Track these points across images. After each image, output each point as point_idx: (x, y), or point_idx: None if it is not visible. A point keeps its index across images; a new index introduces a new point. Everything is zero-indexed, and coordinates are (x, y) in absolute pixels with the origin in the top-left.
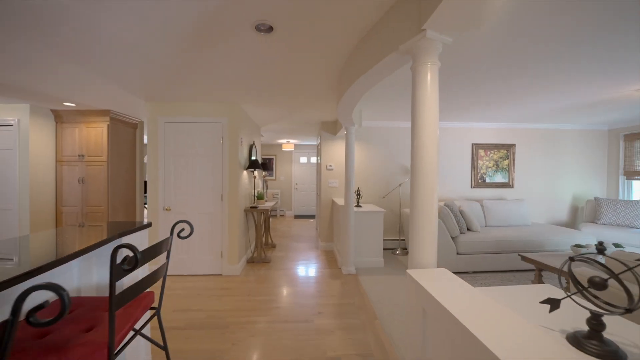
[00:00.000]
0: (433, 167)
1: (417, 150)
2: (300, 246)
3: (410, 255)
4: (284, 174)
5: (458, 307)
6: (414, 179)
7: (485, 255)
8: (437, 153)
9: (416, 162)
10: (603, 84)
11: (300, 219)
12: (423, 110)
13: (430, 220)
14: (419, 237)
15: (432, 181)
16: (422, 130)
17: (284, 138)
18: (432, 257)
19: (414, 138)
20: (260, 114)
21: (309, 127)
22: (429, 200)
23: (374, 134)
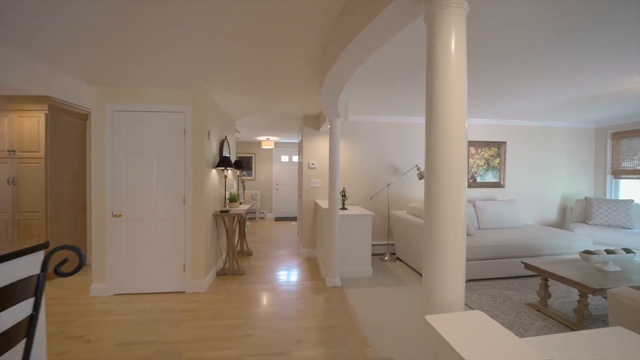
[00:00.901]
0: (460, 167)
1: (437, 144)
2: (280, 253)
3: (425, 290)
4: (264, 173)
5: None
6: (431, 183)
7: (482, 261)
8: (466, 147)
9: (435, 160)
10: (601, 77)
11: (281, 222)
12: (445, 82)
13: (456, 239)
14: (439, 265)
15: (459, 186)
16: (444, 113)
17: (263, 135)
18: (459, 292)
19: (432, 126)
20: (233, 105)
21: (289, 122)
22: (455, 211)
23: (361, 129)
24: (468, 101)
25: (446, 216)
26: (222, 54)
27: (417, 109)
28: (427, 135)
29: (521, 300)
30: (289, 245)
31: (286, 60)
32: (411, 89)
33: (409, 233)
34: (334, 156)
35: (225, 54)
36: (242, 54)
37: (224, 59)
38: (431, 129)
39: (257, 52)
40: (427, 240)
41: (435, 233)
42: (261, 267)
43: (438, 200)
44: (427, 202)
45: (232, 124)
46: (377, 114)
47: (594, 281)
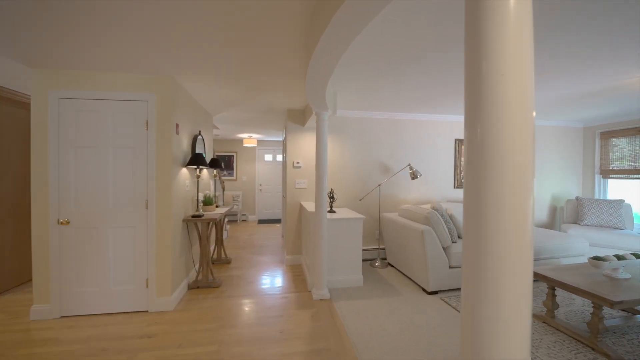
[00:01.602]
0: (527, 166)
1: (492, 132)
2: (262, 260)
3: (466, 344)
4: (246, 173)
5: None
6: (481, 191)
7: None
8: (534, 136)
9: (488, 156)
10: (591, 72)
11: (264, 225)
12: (501, 40)
13: (521, 271)
14: (491, 306)
15: (526, 194)
16: (503, 75)
17: (245, 132)
18: (524, 350)
19: (480, 106)
20: (207, 96)
21: (273, 118)
22: (520, 233)
23: (349, 126)
24: (454, 101)
25: (505, 239)
26: (191, 31)
27: (410, 104)
28: (470, 122)
29: None
30: (272, 251)
31: (267, 44)
32: (405, 80)
33: (401, 237)
34: (322, 154)
35: (194, 31)
36: (215, 32)
37: (194, 38)
38: (479, 110)
39: (232, 30)
40: (470, 271)
41: (485, 262)
42: (240, 277)
43: (492, 217)
44: (472, 218)
45: (208, 119)
46: (367, 110)
47: (609, 292)
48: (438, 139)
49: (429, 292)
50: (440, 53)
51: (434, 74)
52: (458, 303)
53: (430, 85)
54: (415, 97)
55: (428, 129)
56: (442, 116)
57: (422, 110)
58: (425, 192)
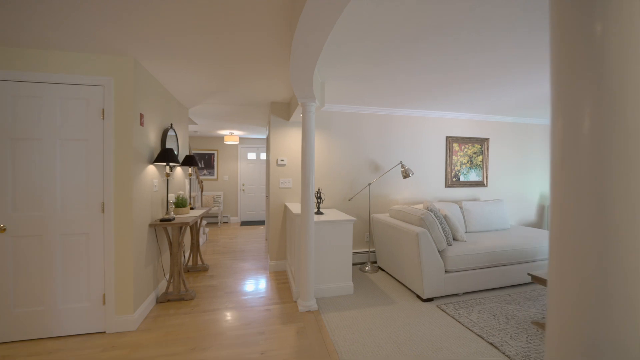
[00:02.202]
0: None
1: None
2: (243, 267)
3: None
4: (228, 172)
5: None
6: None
7: (476, 271)
8: None
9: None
10: None
11: (247, 227)
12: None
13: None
14: None
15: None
16: None
17: (226, 128)
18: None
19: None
20: (180, 85)
21: (255, 112)
22: None
23: (337, 121)
24: (447, 94)
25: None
26: (156, 8)
27: (402, 98)
28: (570, 110)
29: (525, 317)
30: (255, 256)
31: (244, 25)
32: (400, 68)
33: (393, 239)
34: (308, 150)
35: (160, 9)
36: (185, 11)
37: (159, 16)
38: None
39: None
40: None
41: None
42: (218, 287)
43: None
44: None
45: (183, 112)
46: (357, 104)
47: None
48: (429, 137)
49: (424, 299)
50: (438, 38)
51: (430, 61)
52: (456, 311)
53: (426, 72)
54: (409, 88)
55: (419, 126)
56: (434, 113)
57: (413, 105)
58: (417, 192)
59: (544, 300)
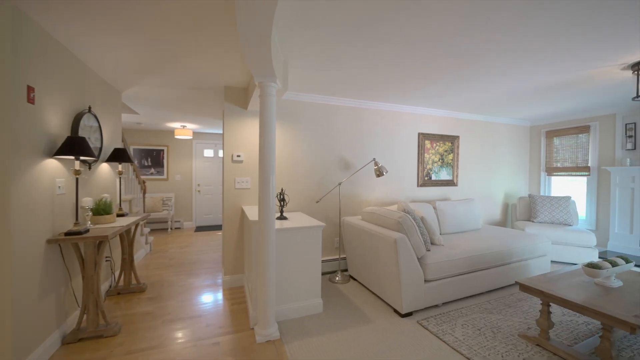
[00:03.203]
0: None
1: None
2: (192, 284)
3: None
4: (181, 171)
5: None
6: None
7: (456, 278)
8: None
9: None
10: (542, 65)
11: (203, 233)
12: None
13: None
14: None
15: None
16: None
17: (177, 120)
18: None
19: None
20: (102, 56)
21: (208, 99)
22: None
23: (304, 113)
24: (417, 89)
25: None
26: None
27: (375, 90)
28: None
29: (511, 329)
30: (208, 268)
31: None
32: (375, 46)
33: (367, 246)
34: (268, 142)
35: None
36: None
37: None
38: None
39: None
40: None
41: None
42: (154, 314)
43: None
44: None
45: (111, 94)
46: (326, 94)
47: (623, 310)
48: (402, 133)
49: (403, 314)
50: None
51: (413, 40)
52: (439, 327)
53: (408, 57)
54: (386, 73)
55: (392, 121)
56: (407, 107)
57: (386, 98)
58: (389, 192)
59: (524, 307)
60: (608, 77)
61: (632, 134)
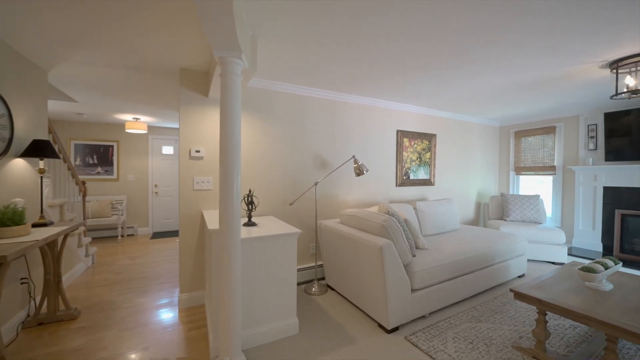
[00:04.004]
0: None
1: None
2: (140, 305)
3: None
4: (135, 170)
5: None
6: None
7: (442, 284)
8: None
9: None
10: (516, 61)
11: (161, 240)
12: None
13: None
14: None
15: None
16: None
17: (128, 112)
18: None
19: None
20: (15, 20)
21: (161, 83)
22: None
23: (276, 104)
24: (396, 84)
25: None
26: None
27: (354, 81)
28: None
29: (503, 339)
30: (164, 283)
31: None
32: (360, 24)
33: (347, 253)
34: (231, 132)
35: None
36: None
37: None
38: None
39: None
40: None
41: None
42: (84, 352)
43: None
44: None
45: (33, 73)
46: (301, 83)
47: (621, 317)
48: (381, 129)
49: (390, 330)
50: None
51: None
52: (429, 343)
53: (400, 35)
54: (370, 59)
55: (370, 117)
56: (385, 103)
57: (364, 91)
58: (368, 192)
59: (510, 311)
60: (586, 75)
61: (593, 134)
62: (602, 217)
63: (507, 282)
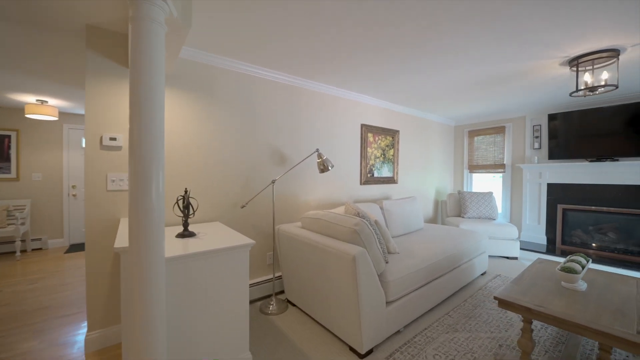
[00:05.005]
0: None
1: None
2: (28, 352)
3: None
4: (44, 168)
5: None
6: None
7: (416, 292)
8: None
9: None
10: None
11: (79, 254)
12: None
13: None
14: None
15: None
16: None
17: (29, 91)
18: None
19: None
20: None
21: (66, 45)
22: None
23: (223, 85)
24: (357, 74)
25: None
26: None
27: (318, 62)
28: None
29: (484, 350)
30: (70, 316)
31: None
32: None
33: (309, 261)
34: (148, 107)
35: None
36: None
37: None
38: None
39: None
40: None
41: None
42: None
43: None
44: None
45: None
46: (254, 62)
47: (622, 326)
48: (345, 122)
49: (364, 354)
50: None
51: None
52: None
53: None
54: (341, 30)
55: (334, 108)
56: (350, 94)
57: (329, 79)
58: (331, 191)
59: (482, 315)
60: (545, 72)
61: (538, 134)
62: (546, 212)
63: (472, 281)
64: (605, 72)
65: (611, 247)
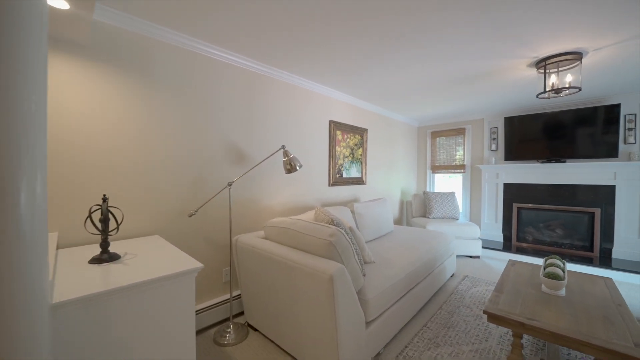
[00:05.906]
0: None
1: None
2: None
3: None
4: None
5: None
6: None
7: (394, 307)
8: None
9: None
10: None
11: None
12: None
13: None
14: None
15: None
16: None
17: None
18: None
19: None
20: None
21: None
22: None
23: (163, 63)
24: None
25: None
26: None
27: (282, 45)
28: None
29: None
30: None
31: None
32: None
33: (274, 279)
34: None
35: None
36: None
37: None
38: None
39: None
40: None
41: None
42: None
43: None
44: None
45: None
46: (204, 39)
47: (622, 339)
48: (312, 118)
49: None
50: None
51: None
52: None
53: None
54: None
55: (301, 101)
56: (318, 87)
57: (295, 67)
58: (297, 194)
59: (460, 325)
60: (510, 73)
61: (495, 136)
62: (502, 211)
63: (444, 285)
64: (569, 74)
65: (559, 243)
